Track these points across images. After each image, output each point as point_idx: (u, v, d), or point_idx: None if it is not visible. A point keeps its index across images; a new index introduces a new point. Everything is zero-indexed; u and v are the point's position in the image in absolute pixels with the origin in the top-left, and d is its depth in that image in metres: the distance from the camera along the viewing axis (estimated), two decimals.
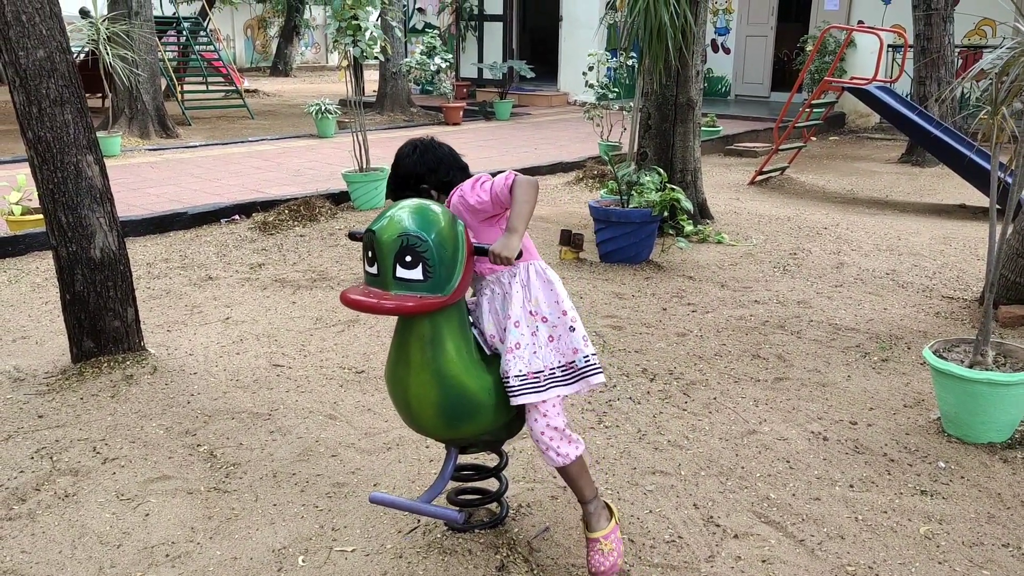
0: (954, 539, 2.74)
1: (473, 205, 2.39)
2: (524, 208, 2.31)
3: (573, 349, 2.41)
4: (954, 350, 3.50)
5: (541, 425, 2.39)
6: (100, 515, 2.87)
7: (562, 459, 2.42)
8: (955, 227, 7.31)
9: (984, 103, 3.53)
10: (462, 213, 2.42)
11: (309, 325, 4.67)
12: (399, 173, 2.56)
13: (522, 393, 2.34)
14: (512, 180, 2.34)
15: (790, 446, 3.34)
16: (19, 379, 3.94)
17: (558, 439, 2.40)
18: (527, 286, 2.43)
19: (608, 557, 2.45)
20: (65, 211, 3.84)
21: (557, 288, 2.46)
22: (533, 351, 2.38)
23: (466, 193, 2.42)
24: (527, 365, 2.35)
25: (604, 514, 2.53)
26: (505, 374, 2.35)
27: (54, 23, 3.68)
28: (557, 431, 2.40)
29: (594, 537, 2.48)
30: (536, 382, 2.35)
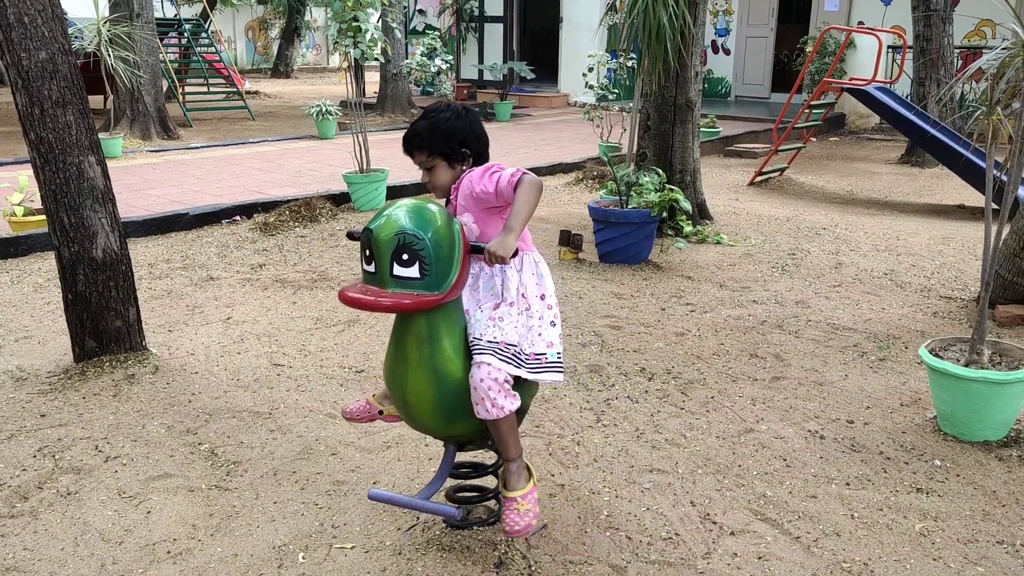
0: (949, 536, 2.76)
1: (478, 193, 2.45)
2: (524, 209, 2.35)
3: (549, 343, 2.48)
4: (950, 349, 3.52)
5: (483, 372, 2.31)
6: (102, 513, 2.89)
7: (497, 411, 2.34)
8: (954, 227, 7.33)
9: (981, 104, 3.55)
10: (467, 198, 2.47)
11: (309, 325, 4.70)
12: (441, 132, 2.51)
13: (484, 352, 2.33)
14: (518, 178, 2.38)
15: (787, 444, 3.36)
16: (22, 378, 3.96)
17: (496, 390, 2.32)
18: (520, 271, 2.49)
19: (524, 517, 2.41)
20: (67, 212, 3.86)
21: (546, 282, 2.55)
22: (514, 326, 2.42)
23: (474, 180, 2.47)
24: (502, 335, 2.38)
25: (524, 475, 2.50)
26: (479, 336, 2.36)
27: (56, 25, 3.70)
28: (497, 382, 2.32)
29: (512, 496, 2.45)
30: (503, 351, 2.36)
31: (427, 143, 2.53)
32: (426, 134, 2.53)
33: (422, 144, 2.54)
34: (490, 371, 2.33)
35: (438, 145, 2.52)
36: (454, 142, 2.53)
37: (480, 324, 2.40)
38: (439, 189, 2.59)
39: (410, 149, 2.56)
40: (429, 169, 2.57)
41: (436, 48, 13.47)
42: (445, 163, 2.54)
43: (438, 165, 2.55)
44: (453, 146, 2.53)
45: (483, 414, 2.36)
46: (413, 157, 2.58)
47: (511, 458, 2.48)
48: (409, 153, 2.58)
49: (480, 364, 2.33)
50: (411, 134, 2.55)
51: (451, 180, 2.57)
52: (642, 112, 6.88)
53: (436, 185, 2.59)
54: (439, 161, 2.54)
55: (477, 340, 2.37)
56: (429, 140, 2.53)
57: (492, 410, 2.35)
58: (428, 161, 2.55)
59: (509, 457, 2.48)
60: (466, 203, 2.50)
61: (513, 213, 2.34)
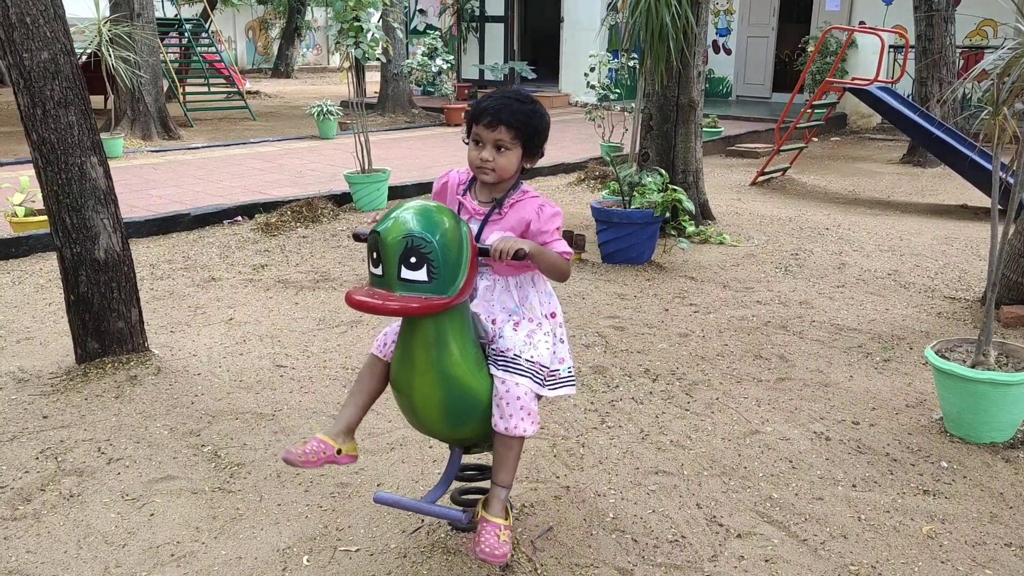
0: (957, 539, 2.74)
1: (535, 229, 2.37)
2: (550, 259, 2.36)
3: (560, 359, 2.48)
4: (956, 350, 3.50)
5: (521, 392, 2.30)
6: (105, 515, 2.88)
7: (519, 431, 2.31)
8: (957, 227, 7.32)
9: (986, 104, 3.53)
10: (522, 221, 2.37)
11: (312, 326, 4.68)
12: (540, 123, 2.39)
13: (525, 374, 2.32)
14: (563, 252, 2.40)
15: (792, 446, 3.35)
16: (24, 380, 3.95)
17: (527, 410, 2.32)
18: (534, 287, 2.48)
19: (503, 545, 2.33)
20: (69, 212, 3.85)
21: (555, 300, 2.56)
22: (546, 346, 2.41)
23: (544, 216, 2.38)
24: (538, 355, 2.37)
25: (506, 508, 2.43)
26: (518, 354, 2.34)
27: (58, 25, 3.69)
28: (530, 404, 2.33)
29: (496, 522, 2.36)
30: (538, 373, 2.37)
31: (522, 125, 2.35)
32: (524, 116, 2.35)
33: (516, 124, 2.35)
34: (528, 393, 2.32)
35: (529, 133, 2.37)
36: (542, 137, 2.42)
37: (517, 340, 2.36)
38: (499, 172, 2.37)
39: (498, 122, 2.33)
40: (501, 149, 2.36)
41: (437, 48, 13.47)
42: (520, 151, 2.39)
43: (514, 150, 2.37)
44: (539, 140, 2.41)
45: (504, 429, 2.32)
46: (492, 130, 2.34)
47: (504, 484, 2.41)
48: (492, 125, 2.34)
49: (519, 382, 2.32)
50: (508, 108, 2.34)
51: (514, 171, 2.41)
52: (644, 112, 6.87)
53: (500, 167, 2.37)
54: (518, 148, 2.38)
55: (516, 357, 2.34)
56: (525, 123, 2.36)
57: (516, 428, 2.31)
58: (508, 142, 2.35)
59: (503, 483, 2.41)
60: (516, 225, 2.38)
61: (542, 248, 2.34)
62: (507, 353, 2.35)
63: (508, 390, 2.31)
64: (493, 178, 2.40)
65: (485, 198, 2.46)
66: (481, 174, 2.41)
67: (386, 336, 2.49)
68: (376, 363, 2.48)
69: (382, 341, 2.48)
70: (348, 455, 2.44)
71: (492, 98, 2.39)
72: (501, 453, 2.39)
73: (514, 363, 2.34)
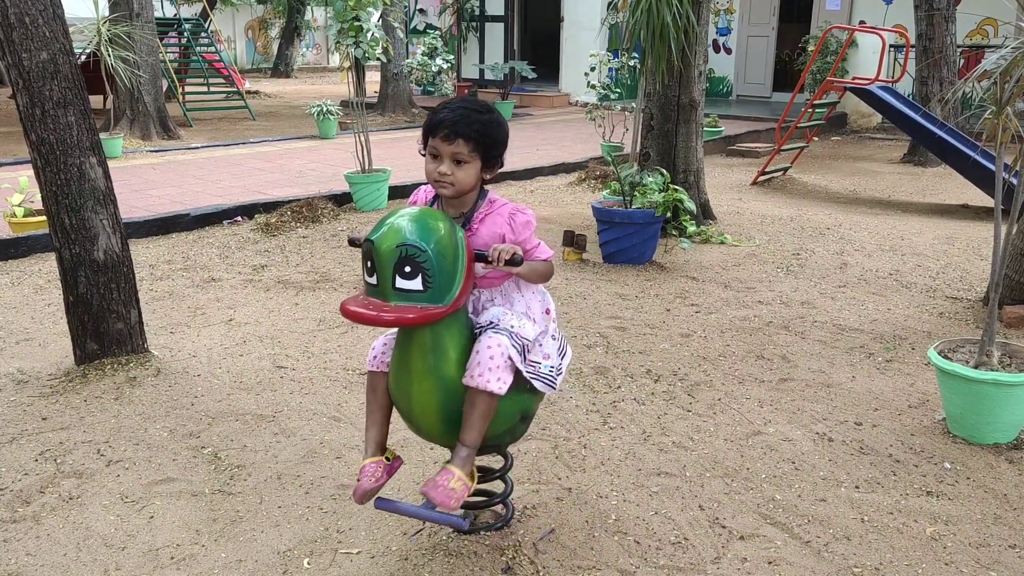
0: (961, 540, 2.73)
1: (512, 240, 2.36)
2: (539, 268, 2.40)
3: (545, 354, 2.46)
4: (959, 351, 3.49)
5: (494, 343, 2.26)
6: (104, 517, 2.86)
7: (486, 383, 2.24)
8: (958, 227, 7.30)
9: (988, 103, 3.52)
10: (493, 235, 2.36)
11: (312, 326, 4.67)
12: (496, 132, 2.33)
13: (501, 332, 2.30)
14: (547, 257, 2.42)
15: (795, 447, 3.33)
16: (23, 381, 3.93)
17: (499, 364, 2.26)
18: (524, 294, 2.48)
19: (448, 494, 2.26)
20: (68, 213, 3.83)
21: (548, 297, 2.55)
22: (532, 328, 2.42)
23: (516, 224, 2.37)
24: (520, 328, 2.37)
25: (470, 468, 2.35)
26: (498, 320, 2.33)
27: (57, 25, 3.67)
28: (502, 358, 2.26)
29: (452, 470, 2.29)
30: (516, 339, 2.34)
31: (480, 136, 2.30)
32: (481, 128, 2.29)
33: (474, 136, 2.29)
34: (500, 345, 2.26)
35: (487, 143, 2.32)
36: (501, 148, 2.37)
37: (503, 314, 2.37)
38: (458, 187, 2.32)
39: (455, 135, 2.27)
40: (459, 163, 2.30)
41: (437, 48, 13.45)
42: (479, 164, 2.34)
43: (472, 162, 2.32)
44: (498, 151, 2.36)
45: (475, 381, 2.24)
46: (450, 143, 2.29)
47: (467, 442, 2.31)
48: (449, 138, 2.28)
49: (493, 336, 2.27)
50: (466, 119, 2.28)
51: (474, 184, 2.36)
52: (645, 112, 6.85)
53: (458, 181, 2.31)
54: (476, 159, 2.32)
55: (496, 321, 2.33)
56: (482, 135, 2.30)
57: (482, 379, 2.24)
58: (466, 155, 2.30)
59: (465, 440, 2.32)
60: (490, 240, 2.35)
61: (530, 263, 2.36)
62: (485, 323, 2.36)
63: (486, 346, 2.27)
64: (451, 192, 2.34)
65: (453, 213, 2.39)
66: (439, 188, 2.35)
67: (375, 350, 2.48)
68: (375, 378, 2.47)
69: (372, 355, 2.48)
70: (395, 459, 2.55)
71: (448, 109, 2.32)
72: (466, 410, 2.31)
73: (493, 326, 2.33)
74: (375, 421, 2.49)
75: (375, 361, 2.46)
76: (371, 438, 2.49)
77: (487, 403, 2.30)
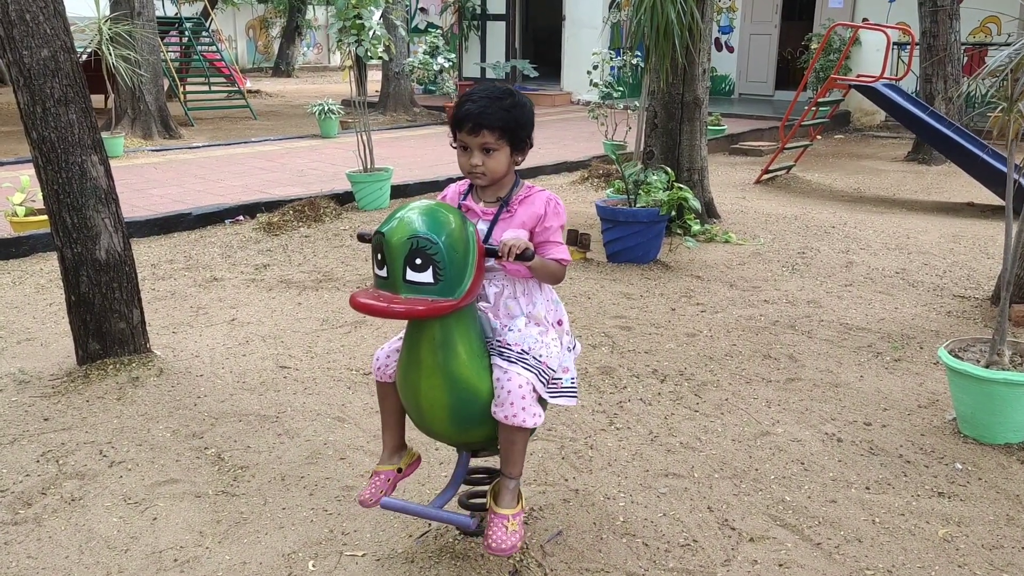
0: (973, 542, 2.70)
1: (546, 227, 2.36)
2: (550, 268, 2.37)
3: (564, 368, 2.45)
4: (969, 350, 3.45)
5: (523, 381, 2.26)
6: (107, 519, 2.83)
7: (521, 421, 2.26)
8: (964, 225, 7.27)
9: (999, 100, 3.48)
10: (533, 217, 2.35)
11: (315, 326, 4.64)
12: (522, 116, 2.33)
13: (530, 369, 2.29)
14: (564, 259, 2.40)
15: (804, 447, 3.30)
16: (24, 382, 3.90)
17: (529, 401, 2.27)
18: (541, 293, 2.44)
19: (511, 536, 2.33)
20: (70, 212, 3.80)
21: (562, 308, 2.52)
22: (558, 348, 2.41)
23: (550, 211, 2.37)
24: (547, 355, 2.35)
25: (517, 494, 2.42)
26: (527, 350, 2.30)
27: (58, 22, 3.64)
28: (532, 394, 2.29)
29: (503, 513, 2.36)
30: (544, 373, 2.34)
31: (504, 123, 2.29)
32: (504, 114, 2.29)
33: (499, 124, 2.28)
34: (528, 383, 2.28)
35: (512, 128, 2.31)
36: (527, 129, 2.36)
37: (528, 336, 2.34)
38: (490, 175, 2.33)
39: (479, 127, 2.28)
40: (488, 151, 2.31)
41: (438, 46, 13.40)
42: (508, 149, 2.33)
43: (502, 150, 2.32)
44: (525, 133, 2.35)
45: (504, 418, 2.27)
46: (476, 135, 2.29)
47: (512, 475, 2.40)
48: (475, 131, 2.29)
49: (521, 374, 2.28)
50: (487, 110, 2.28)
51: (506, 169, 2.36)
52: (649, 110, 6.82)
53: (490, 171, 2.32)
54: (504, 146, 2.32)
55: (524, 352, 2.30)
56: (507, 121, 2.29)
57: (516, 417, 2.26)
58: (494, 143, 2.30)
59: (511, 474, 2.39)
60: (528, 220, 2.35)
61: (543, 260, 2.34)
62: (514, 347, 2.32)
63: (510, 379, 2.26)
64: (486, 181, 2.36)
65: (490, 198, 2.42)
66: (474, 179, 2.38)
67: (378, 360, 2.47)
68: (383, 387, 2.49)
69: (376, 366, 2.47)
70: (410, 465, 2.62)
71: (471, 101, 2.32)
72: (504, 444, 2.37)
73: (520, 357, 2.30)
74: (388, 425, 2.55)
75: (380, 372, 2.47)
76: (386, 443, 2.57)
77: (524, 437, 2.36)
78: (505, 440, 2.36)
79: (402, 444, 2.57)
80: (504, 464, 2.40)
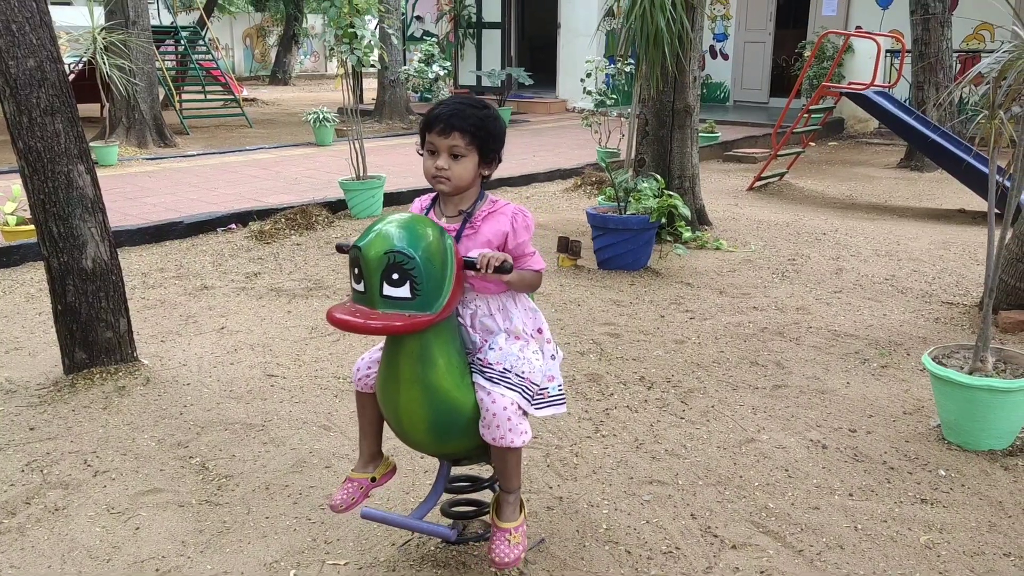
0: (955, 548, 2.70)
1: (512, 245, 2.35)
2: (527, 278, 2.38)
3: (550, 376, 2.44)
4: (953, 356, 3.46)
5: (507, 402, 2.26)
6: (90, 529, 2.83)
7: (509, 441, 2.26)
8: (954, 232, 7.28)
9: (982, 107, 3.50)
10: (498, 234, 2.34)
11: (304, 334, 4.64)
12: (493, 127, 2.32)
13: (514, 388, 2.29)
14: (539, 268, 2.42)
15: (789, 454, 3.30)
16: (11, 391, 3.90)
17: (516, 422, 2.28)
18: (516, 307, 2.44)
19: (514, 549, 2.34)
20: (56, 221, 3.81)
21: (540, 316, 2.51)
22: (539, 361, 2.40)
23: (518, 227, 2.36)
24: (530, 371, 2.34)
25: (518, 507, 2.43)
26: (509, 368, 2.29)
27: (44, 32, 3.65)
28: (517, 415, 2.29)
29: (505, 527, 2.37)
30: (528, 389, 2.34)
31: (476, 130, 2.28)
32: (477, 121, 2.29)
33: (470, 129, 2.28)
34: (512, 403, 2.28)
35: (483, 138, 2.30)
36: (498, 142, 2.35)
37: (509, 354, 2.33)
38: (455, 181, 2.30)
39: (450, 128, 2.27)
40: (456, 156, 2.29)
41: (434, 54, 13.44)
42: (477, 158, 2.31)
43: (469, 157, 2.30)
44: (495, 145, 2.34)
45: (492, 440, 2.28)
46: (446, 137, 2.27)
47: (510, 489, 2.40)
48: (445, 132, 2.27)
49: (504, 395, 2.27)
50: (461, 113, 2.27)
51: (472, 179, 2.33)
52: (640, 118, 6.84)
53: (455, 176, 2.30)
54: (473, 154, 2.30)
55: (506, 371, 2.29)
56: (479, 128, 2.29)
57: (504, 439, 2.27)
58: (463, 148, 2.28)
59: (509, 488, 2.40)
60: (493, 238, 2.34)
61: (521, 272, 2.34)
62: (496, 367, 2.31)
63: (494, 401, 2.27)
64: (449, 187, 2.32)
65: (452, 212, 2.39)
66: (437, 184, 2.34)
67: (359, 371, 2.47)
68: (362, 397, 2.50)
69: (357, 376, 2.48)
70: (385, 475, 2.62)
71: (444, 105, 2.33)
72: (497, 463, 2.40)
73: (502, 376, 2.30)
74: (366, 434, 2.57)
75: (360, 382, 2.47)
76: (362, 450, 2.61)
77: (516, 454, 2.37)
78: (497, 459, 2.38)
79: (378, 453, 2.58)
80: (501, 480, 2.42)
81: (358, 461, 2.58)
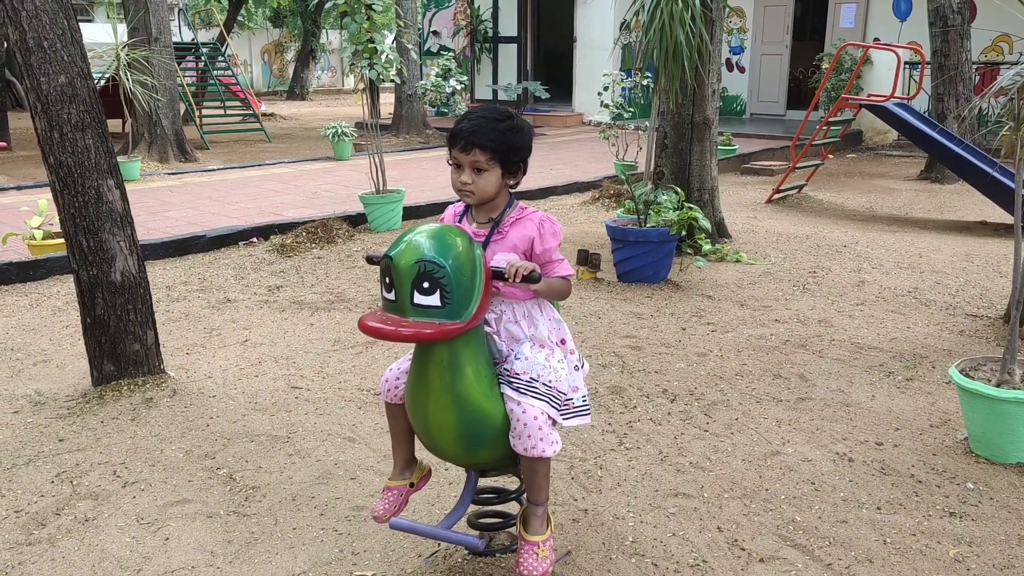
0: (985, 562, 2.68)
1: (540, 251, 2.37)
2: (555, 285, 2.39)
3: (574, 387, 2.45)
4: (980, 369, 3.44)
5: (537, 412, 2.27)
6: (120, 539, 2.86)
7: (540, 451, 2.27)
8: (976, 244, 7.24)
9: (1006, 119, 3.49)
10: (524, 239, 2.36)
11: (327, 347, 4.67)
12: (516, 139, 2.34)
13: (542, 398, 2.31)
14: (567, 274, 2.41)
15: (815, 467, 3.29)
16: (40, 403, 3.95)
17: (547, 431, 2.29)
18: (542, 315, 2.45)
19: (542, 563, 2.34)
20: (86, 235, 3.86)
21: (565, 327, 2.52)
22: (566, 372, 2.41)
23: (545, 233, 2.37)
24: (557, 380, 2.36)
25: (546, 520, 2.43)
26: (536, 377, 2.31)
27: (75, 49, 3.71)
28: (548, 425, 2.31)
29: (533, 540, 2.37)
30: (555, 398, 2.35)
31: (496, 145, 2.31)
32: (497, 135, 2.31)
33: (490, 145, 2.30)
34: (543, 413, 2.29)
35: (504, 151, 2.33)
36: (521, 153, 2.38)
37: (535, 363, 2.34)
38: (479, 194, 2.35)
39: (471, 145, 2.30)
40: (478, 171, 2.32)
41: (451, 69, 13.54)
42: (500, 171, 2.35)
43: (492, 170, 2.33)
44: (518, 157, 2.37)
45: (523, 451, 2.29)
46: (467, 153, 2.31)
47: (538, 502, 2.41)
48: (466, 148, 2.31)
49: (535, 405, 2.29)
50: (481, 130, 2.30)
51: (496, 191, 2.37)
52: (659, 130, 6.85)
53: (480, 189, 2.34)
54: (496, 167, 2.34)
55: (533, 380, 2.31)
56: (499, 143, 2.31)
57: (535, 449, 2.28)
58: (484, 163, 2.31)
59: (537, 500, 2.41)
60: (519, 243, 2.36)
61: (549, 280, 2.36)
62: (523, 376, 2.32)
63: (524, 411, 2.28)
64: (474, 200, 2.38)
65: (482, 219, 2.44)
66: (463, 196, 2.40)
67: (387, 382, 2.49)
68: (392, 409, 2.52)
69: (386, 387, 2.50)
70: (421, 479, 2.64)
71: (468, 120, 2.36)
72: (527, 473, 2.41)
73: (530, 386, 2.31)
74: (399, 442, 2.58)
75: (389, 393, 2.49)
76: (396, 459, 2.60)
77: (545, 465, 2.38)
78: (527, 470, 2.38)
79: (412, 459, 2.60)
80: (529, 492, 2.43)
81: (393, 469, 2.60)
